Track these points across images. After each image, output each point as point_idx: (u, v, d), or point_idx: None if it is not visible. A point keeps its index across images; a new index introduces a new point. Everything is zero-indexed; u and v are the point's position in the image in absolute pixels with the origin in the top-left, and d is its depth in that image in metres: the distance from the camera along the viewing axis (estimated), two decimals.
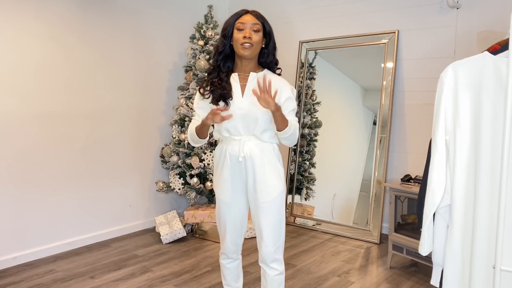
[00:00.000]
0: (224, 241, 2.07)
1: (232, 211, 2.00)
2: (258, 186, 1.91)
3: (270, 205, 1.91)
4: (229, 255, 2.11)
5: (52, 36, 3.24)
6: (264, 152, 1.91)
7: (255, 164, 1.90)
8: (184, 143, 3.72)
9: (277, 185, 1.92)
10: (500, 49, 1.48)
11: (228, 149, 1.92)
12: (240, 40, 1.82)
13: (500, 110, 1.42)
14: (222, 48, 1.89)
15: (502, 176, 1.36)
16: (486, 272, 1.46)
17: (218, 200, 2.01)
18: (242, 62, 1.91)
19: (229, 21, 1.88)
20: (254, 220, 1.97)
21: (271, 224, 1.92)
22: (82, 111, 3.47)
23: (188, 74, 3.85)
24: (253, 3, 4.50)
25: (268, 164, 1.91)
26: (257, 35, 1.84)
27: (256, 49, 1.87)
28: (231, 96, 1.87)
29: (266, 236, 1.92)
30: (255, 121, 1.86)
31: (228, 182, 1.96)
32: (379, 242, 3.56)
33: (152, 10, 3.94)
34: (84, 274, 2.94)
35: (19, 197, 3.12)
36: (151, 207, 4.04)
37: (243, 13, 1.87)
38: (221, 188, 1.98)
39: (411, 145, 3.60)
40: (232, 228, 2.03)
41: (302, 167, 4.12)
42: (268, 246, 1.92)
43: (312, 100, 4.09)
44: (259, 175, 1.90)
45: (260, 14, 1.89)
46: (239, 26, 1.84)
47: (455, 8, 3.31)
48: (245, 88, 1.90)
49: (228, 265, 2.15)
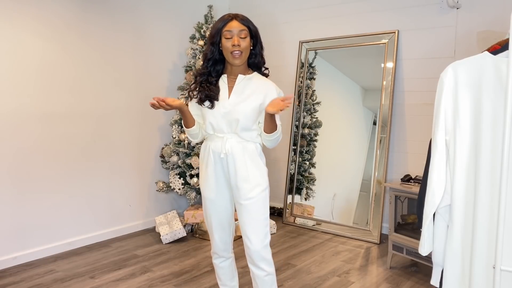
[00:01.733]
0: (213, 239, 2.10)
1: (218, 208, 2.03)
2: (239, 182, 1.94)
3: (253, 202, 1.94)
4: (220, 253, 2.13)
5: (52, 36, 3.24)
6: (246, 150, 1.95)
7: (236, 161, 1.94)
8: (184, 143, 3.72)
9: (260, 182, 1.96)
10: (500, 49, 1.48)
11: (212, 146, 1.98)
12: (230, 49, 1.89)
13: (500, 110, 1.42)
14: (211, 55, 1.96)
15: (502, 176, 1.36)
16: (486, 272, 1.46)
17: (204, 197, 2.05)
18: (232, 65, 1.98)
19: (216, 27, 1.92)
20: (239, 218, 1.99)
21: (255, 221, 1.94)
22: (82, 111, 3.47)
23: (188, 74, 3.85)
24: (253, 3, 4.50)
25: (250, 161, 1.95)
26: (244, 41, 1.90)
27: (245, 55, 1.93)
28: (217, 98, 1.95)
29: (251, 234, 1.93)
30: (236, 121, 1.92)
31: (212, 179, 1.99)
32: (379, 242, 3.56)
33: (152, 10, 3.95)
34: (84, 274, 2.94)
35: (19, 197, 3.12)
36: (151, 207, 4.04)
37: (229, 19, 1.91)
38: (205, 185, 2.03)
39: (411, 145, 3.60)
40: (219, 226, 2.06)
41: (302, 167, 4.12)
42: (254, 244, 1.93)
43: (312, 100, 4.09)
44: (240, 172, 1.94)
45: (245, 18, 1.94)
46: (226, 35, 1.89)
47: (455, 8, 3.31)
48: (232, 89, 1.97)
49: (221, 264, 2.18)
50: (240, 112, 1.91)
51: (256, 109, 1.93)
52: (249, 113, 1.91)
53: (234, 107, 1.92)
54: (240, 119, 1.91)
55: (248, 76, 1.99)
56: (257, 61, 2.00)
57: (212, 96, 1.94)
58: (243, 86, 1.96)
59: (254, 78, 1.99)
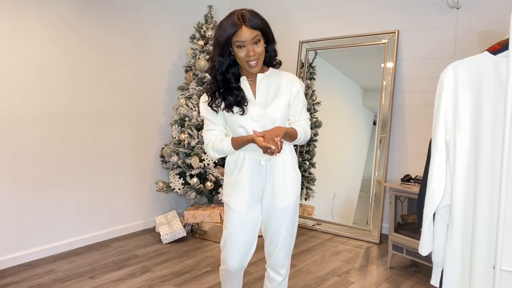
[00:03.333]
0: (228, 257, 1.90)
1: (247, 223, 1.88)
2: (277, 190, 1.84)
3: (287, 211, 1.86)
4: (233, 272, 1.96)
5: (52, 37, 3.24)
6: (284, 154, 1.85)
7: (275, 167, 1.84)
8: (184, 143, 3.72)
9: (295, 190, 1.89)
10: (500, 49, 1.48)
11: (247, 154, 1.84)
12: (245, 59, 1.73)
13: (500, 110, 1.42)
14: (219, 66, 1.77)
15: (502, 176, 1.36)
16: (486, 272, 1.46)
17: (232, 210, 1.87)
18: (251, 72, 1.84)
19: (225, 36, 1.70)
20: (267, 225, 1.90)
21: (286, 230, 1.88)
22: (82, 111, 3.47)
23: (188, 74, 3.85)
24: (253, 3, 4.50)
25: (287, 168, 1.86)
26: (259, 47, 1.74)
27: (262, 59, 1.79)
28: (246, 102, 1.80)
29: (282, 242, 1.87)
30: (273, 122, 1.80)
31: (246, 190, 1.85)
32: (379, 242, 3.56)
33: (152, 10, 3.94)
34: (84, 274, 2.94)
35: (20, 197, 3.12)
36: (151, 207, 4.04)
37: (238, 28, 1.68)
38: (236, 197, 1.86)
39: (411, 145, 3.60)
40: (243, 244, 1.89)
41: (302, 167, 4.11)
42: (281, 251, 1.88)
43: (312, 100, 4.09)
44: (278, 179, 1.84)
45: (253, 18, 1.72)
46: (238, 45, 1.71)
47: (455, 8, 3.31)
48: (255, 90, 1.85)
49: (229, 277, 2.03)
50: (274, 112, 1.80)
51: (287, 105, 1.84)
52: (283, 111, 1.82)
53: (265, 108, 1.80)
54: (277, 118, 1.80)
55: (266, 73, 1.87)
56: (271, 57, 1.86)
57: (242, 102, 1.79)
58: (266, 85, 1.86)
59: (272, 75, 1.88)
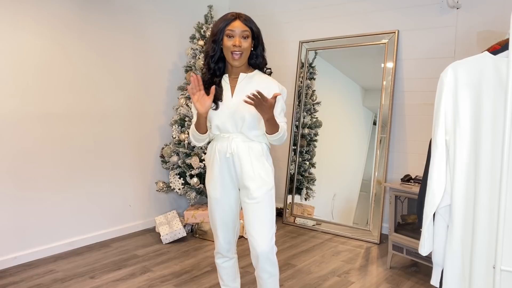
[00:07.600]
0: (217, 239, 2.10)
1: (223, 207, 2.03)
2: (246, 181, 1.94)
3: (260, 201, 1.93)
4: (224, 253, 2.13)
5: (52, 36, 3.24)
6: (252, 149, 1.96)
7: (242, 160, 1.94)
8: (184, 143, 3.72)
9: (267, 181, 1.96)
10: (500, 49, 1.48)
11: (218, 146, 1.98)
12: (230, 48, 1.89)
13: (500, 110, 1.42)
14: (213, 53, 1.95)
15: (502, 176, 1.36)
16: (486, 272, 1.46)
17: (209, 197, 2.06)
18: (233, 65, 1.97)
19: (219, 26, 1.91)
20: (245, 218, 1.98)
21: (261, 221, 1.92)
22: (82, 111, 3.47)
23: (188, 74, 3.85)
24: (253, 3, 4.50)
25: (255, 160, 1.95)
26: (246, 42, 1.90)
27: (245, 56, 1.93)
28: (221, 99, 1.95)
29: (257, 234, 1.92)
30: (242, 119, 1.92)
31: (217, 178, 2.00)
32: (379, 242, 3.56)
33: (152, 10, 3.94)
34: (84, 274, 2.94)
35: (20, 197, 3.12)
36: (151, 207, 4.04)
37: (233, 19, 1.90)
38: (211, 184, 2.03)
39: (411, 145, 3.60)
40: (224, 225, 2.06)
41: (302, 167, 4.12)
42: (260, 245, 1.91)
43: (312, 100, 4.09)
44: (246, 171, 1.94)
45: (248, 18, 1.94)
46: (229, 33, 1.89)
47: (455, 8, 3.31)
48: (234, 88, 1.97)
49: (223, 264, 2.17)
50: (245, 110, 1.91)
51: None
52: (254, 111, 1.90)
53: (238, 106, 1.92)
54: (246, 118, 1.91)
55: (249, 74, 1.99)
56: (258, 62, 2.00)
57: (216, 97, 1.94)
58: (245, 84, 1.96)
59: (255, 76, 1.99)
